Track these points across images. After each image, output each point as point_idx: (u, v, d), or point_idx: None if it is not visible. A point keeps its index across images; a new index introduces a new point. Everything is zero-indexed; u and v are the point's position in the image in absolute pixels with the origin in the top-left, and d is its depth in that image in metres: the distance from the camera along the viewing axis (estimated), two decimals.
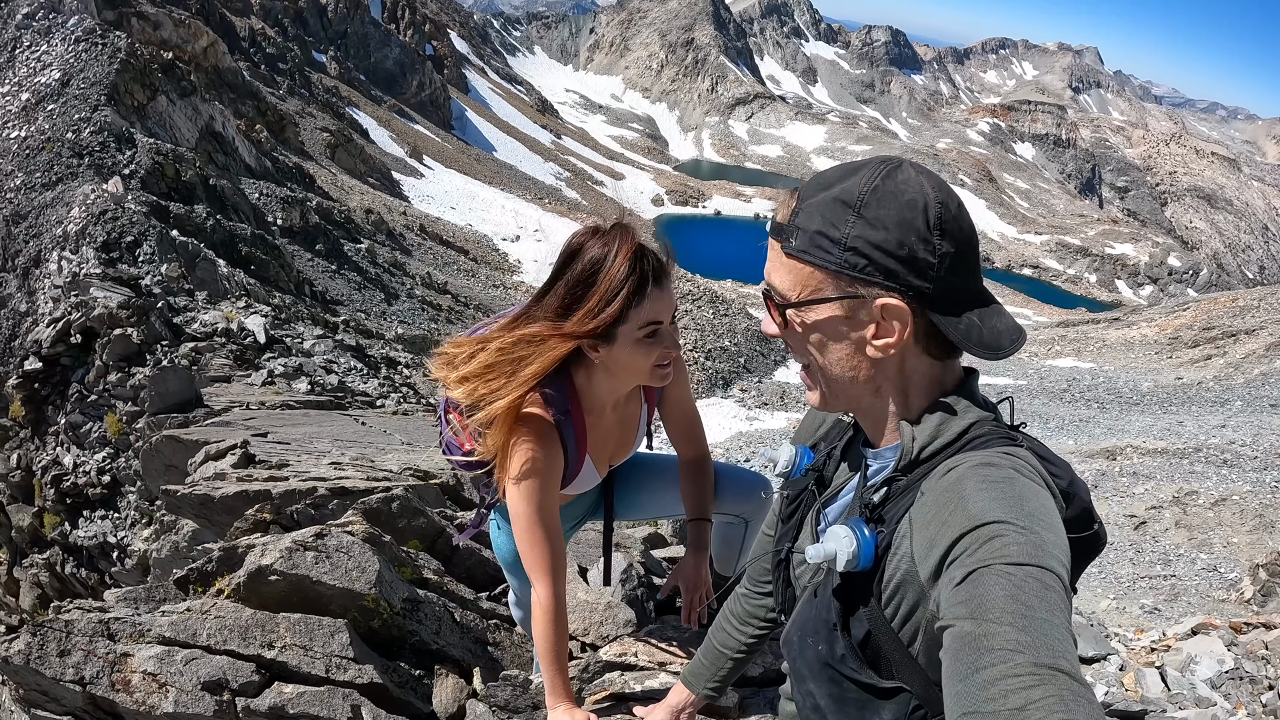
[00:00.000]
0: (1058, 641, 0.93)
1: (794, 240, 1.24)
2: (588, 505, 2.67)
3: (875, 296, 1.20)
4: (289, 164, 43.27)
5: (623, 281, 1.87)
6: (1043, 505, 1.10)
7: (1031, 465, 1.18)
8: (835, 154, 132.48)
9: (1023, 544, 1.01)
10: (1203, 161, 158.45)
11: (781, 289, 1.28)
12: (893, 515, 1.23)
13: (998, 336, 1.21)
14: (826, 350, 1.28)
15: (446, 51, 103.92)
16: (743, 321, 45.92)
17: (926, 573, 1.10)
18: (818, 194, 1.23)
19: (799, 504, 1.54)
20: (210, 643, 2.49)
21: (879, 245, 1.18)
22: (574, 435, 2.11)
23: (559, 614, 2.08)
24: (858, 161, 1.26)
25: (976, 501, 1.08)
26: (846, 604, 1.27)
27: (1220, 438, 24.19)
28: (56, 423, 10.19)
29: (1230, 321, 43.45)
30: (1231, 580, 13.66)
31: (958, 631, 0.98)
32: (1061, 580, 1.00)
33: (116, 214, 18.82)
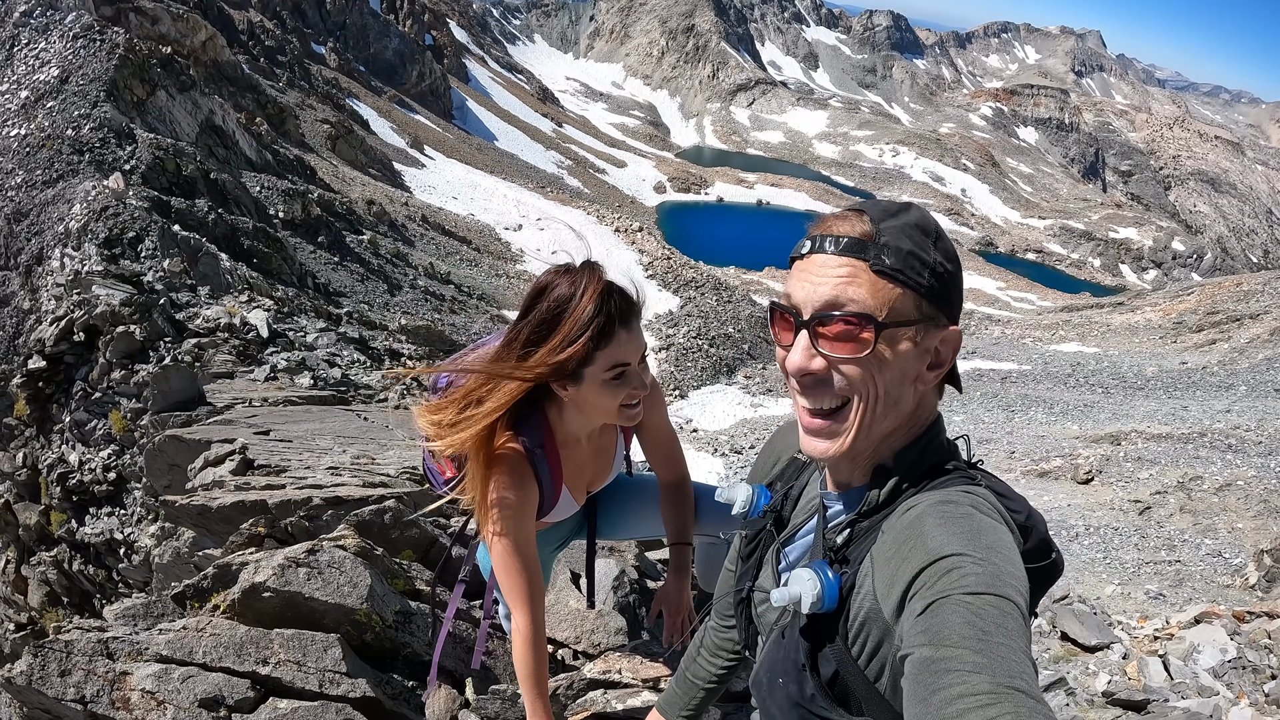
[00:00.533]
0: (1015, 664, 0.95)
1: (887, 258, 1.20)
2: (572, 526, 2.70)
3: (943, 324, 1.24)
4: (290, 156, 43.17)
5: (588, 322, 1.88)
6: (1000, 539, 1.12)
7: (989, 502, 1.20)
8: (838, 139, 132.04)
9: (980, 574, 1.04)
10: (1206, 145, 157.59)
11: (869, 307, 1.20)
12: (856, 556, 1.25)
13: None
14: (887, 375, 1.23)
15: (446, 41, 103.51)
16: (746, 308, 45.86)
17: (890, 609, 1.13)
18: (891, 219, 1.24)
19: (758, 543, 1.57)
20: (206, 660, 2.53)
21: (950, 275, 1.23)
22: (548, 468, 2.14)
23: (538, 641, 2.11)
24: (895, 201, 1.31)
25: (935, 536, 1.11)
26: (813, 644, 1.28)
27: (1225, 422, 24.13)
28: (61, 421, 10.23)
29: (1234, 306, 43.27)
30: (1236, 566, 13.66)
31: (917, 658, 1.01)
32: (1019, 608, 1.02)
33: (118, 210, 18.82)
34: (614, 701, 2.54)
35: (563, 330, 1.89)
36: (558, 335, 1.90)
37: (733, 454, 27.55)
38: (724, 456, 27.33)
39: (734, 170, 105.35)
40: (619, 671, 2.67)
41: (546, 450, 2.13)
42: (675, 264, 50.52)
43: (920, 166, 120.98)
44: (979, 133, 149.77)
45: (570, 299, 1.90)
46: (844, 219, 1.27)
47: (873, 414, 1.25)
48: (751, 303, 47.44)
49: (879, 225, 1.23)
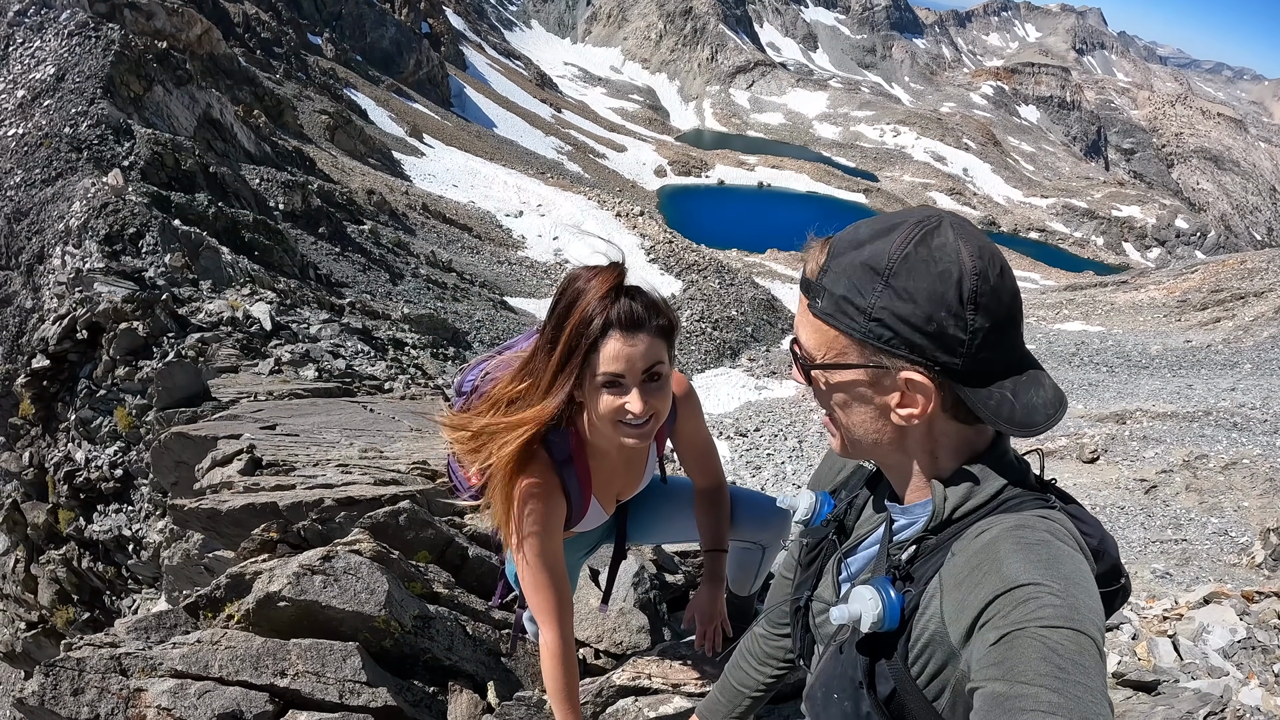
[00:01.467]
0: (1091, 705, 0.92)
1: (820, 301, 1.21)
2: (601, 532, 2.63)
3: (899, 369, 1.16)
4: (288, 148, 43.06)
5: (585, 323, 1.79)
6: (1078, 569, 1.08)
7: (1065, 528, 1.16)
8: (838, 120, 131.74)
9: (1058, 607, 1.00)
10: (1209, 123, 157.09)
11: (807, 346, 1.26)
12: (921, 575, 1.22)
13: (1031, 412, 1.16)
14: (850, 411, 1.26)
15: (443, 29, 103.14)
16: (749, 290, 45.85)
17: (958, 634, 1.09)
18: (847, 253, 1.19)
19: (819, 552, 1.53)
20: (223, 674, 2.48)
21: (905, 319, 1.13)
22: (576, 481, 2.08)
23: (568, 657, 2.06)
24: (895, 216, 1.21)
25: (1011, 564, 1.07)
26: (871, 661, 1.25)
27: (1230, 401, 24.16)
28: (67, 419, 10.22)
29: (1239, 284, 43.24)
30: (1242, 544, 13.67)
31: (989, 692, 0.97)
32: (1097, 644, 0.99)
33: (118, 206, 18.75)
34: (646, 710, 2.50)
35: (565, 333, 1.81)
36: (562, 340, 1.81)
37: (738, 437, 27.56)
38: (729, 440, 27.34)
39: (734, 153, 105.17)
40: (649, 676, 2.63)
41: (575, 462, 2.06)
42: (677, 247, 50.43)
43: (921, 146, 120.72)
44: (980, 112, 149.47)
45: (578, 298, 1.81)
46: (814, 251, 1.25)
47: (847, 435, 1.30)
48: (754, 285, 47.39)
49: (830, 262, 1.21)
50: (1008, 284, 1.16)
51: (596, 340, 1.80)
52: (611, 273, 1.84)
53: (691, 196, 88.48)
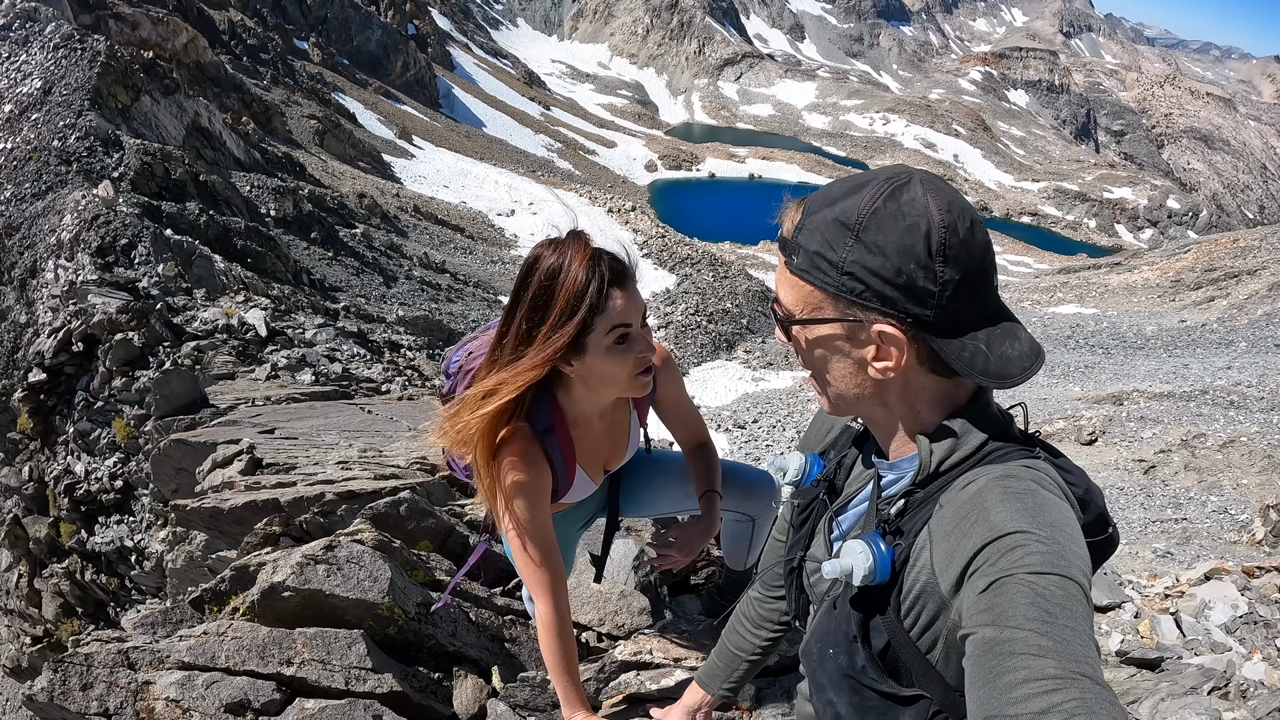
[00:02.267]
0: (1080, 647, 0.94)
1: (795, 258, 1.24)
2: (594, 505, 2.65)
3: (872, 322, 1.19)
4: (278, 154, 42.96)
5: (583, 289, 1.81)
6: (1064, 516, 1.11)
7: (1051, 477, 1.18)
8: (827, 110, 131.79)
9: (1045, 554, 1.02)
10: (1198, 102, 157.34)
11: (785, 303, 1.28)
12: (911, 528, 1.24)
13: (1006, 364, 1.18)
14: (830, 366, 1.29)
15: (429, 29, 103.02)
16: (743, 283, 45.86)
17: (948, 583, 1.12)
18: (820, 210, 1.22)
19: (810, 512, 1.55)
20: (229, 664, 2.51)
21: (875, 271, 1.16)
22: (559, 450, 2.09)
23: (563, 629, 2.08)
24: (866, 175, 1.23)
25: (998, 513, 1.09)
26: (865, 616, 1.27)
27: (1226, 379, 24.21)
28: (65, 432, 10.21)
29: (1232, 262, 43.34)
30: (1242, 522, 13.69)
31: (980, 638, 1.00)
32: (1083, 589, 1.01)
33: (109, 218, 18.73)
34: (647, 682, 2.53)
35: (558, 303, 1.82)
36: (554, 309, 1.83)
37: (736, 429, 27.59)
38: (728, 432, 27.37)
39: (724, 145, 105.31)
40: (650, 652, 2.66)
41: (557, 431, 2.07)
42: (670, 242, 50.44)
43: (911, 134, 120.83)
44: (969, 98, 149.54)
45: (560, 269, 1.83)
46: (789, 211, 1.28)
47: (830, 391, 1.33)
48: (748, 277, 47.41)
49: (805, 220, 1.23)
50: (978, 237, 1.18)
51: (598, 303, 1.83)
52: (583, 240, 1.88)
53: (683, 190, 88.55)
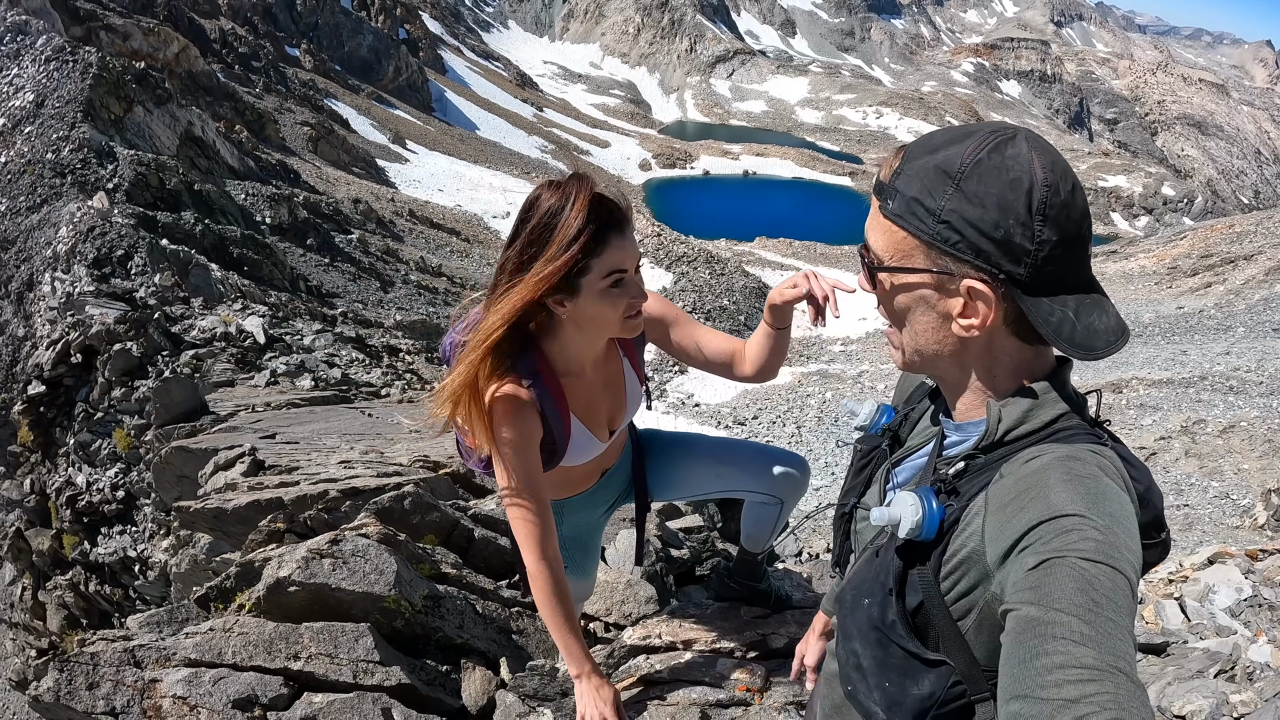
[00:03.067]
0: (1120, 643, 0.94)
1: (891, 203, 1.22)
2: (620, 488, 2.63)
3: (964, 275, 1.17)
4: (272, 161, 42.99)
5: (581, 229, 1.83)
6: (1123, 508, 1.09)
7: (1116, 467, 1.17)
8: (820, 105, 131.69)
9: (1099, 542, 1.01)
10: (1191, 89, 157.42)
11: (876, 249, 1.26)
12: (967, 491, 1.22)
13: (1092, 336, 1.15)
14: (913, 318, 1.27)
15: (420, 34, 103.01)
16: (740, 279, 45.87)
17: (995, 554, 1.10)
18: (921, 157, 1.20)
19: (871, 459, 1.55)
20: (236, 660, 2.50)
21: (974, 223, 1.14)
22: (550, 397, 2.07)
23: (555, 581, 2.06)
24: (970, 126, 1.21)
25: (1059, 493, 1.08)
26: (904, 570, 1.26)
27: (1225, 365, 24.18)
28: (66, 443, 10.21)
29: (1228, 248, 43.34)
30: (1244, 507, 13.69)
31: (1022, 615, 0.99)
32: (1131, 585, 1.00)
33: (105, 229, 18.70)
34: (657, 664, 2.53)
35: (556, 241, 1.83)
36: (551, 246, 1.84)
37: (736, 425, 27.59)
38: (728, 429, 27.38)
39: (718, 143, 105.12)
40: (659, 636, 2.66)
41: (544, 379, 2.05)
42: (666, 240, 50.40)
43: (905, 126, 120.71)
44: (962, 89, 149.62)
45: (561, 210, 1.84)
46: (892, 156, 1.26)
47: (907, 343, 1.30)
48: (745, 274, 47.41)
49: (904, 166, 1.21)
50: (1079, 202, 1.16)
51: (593, 247, 1.85)
52: (585, 183, 1.89)
53: (677, 188, 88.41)
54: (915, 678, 1.25)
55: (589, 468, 2.42)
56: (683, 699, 2.39)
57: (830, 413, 27.74)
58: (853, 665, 1.35)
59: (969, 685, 1.22)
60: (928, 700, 1.24)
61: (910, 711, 1.25)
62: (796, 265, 54.31)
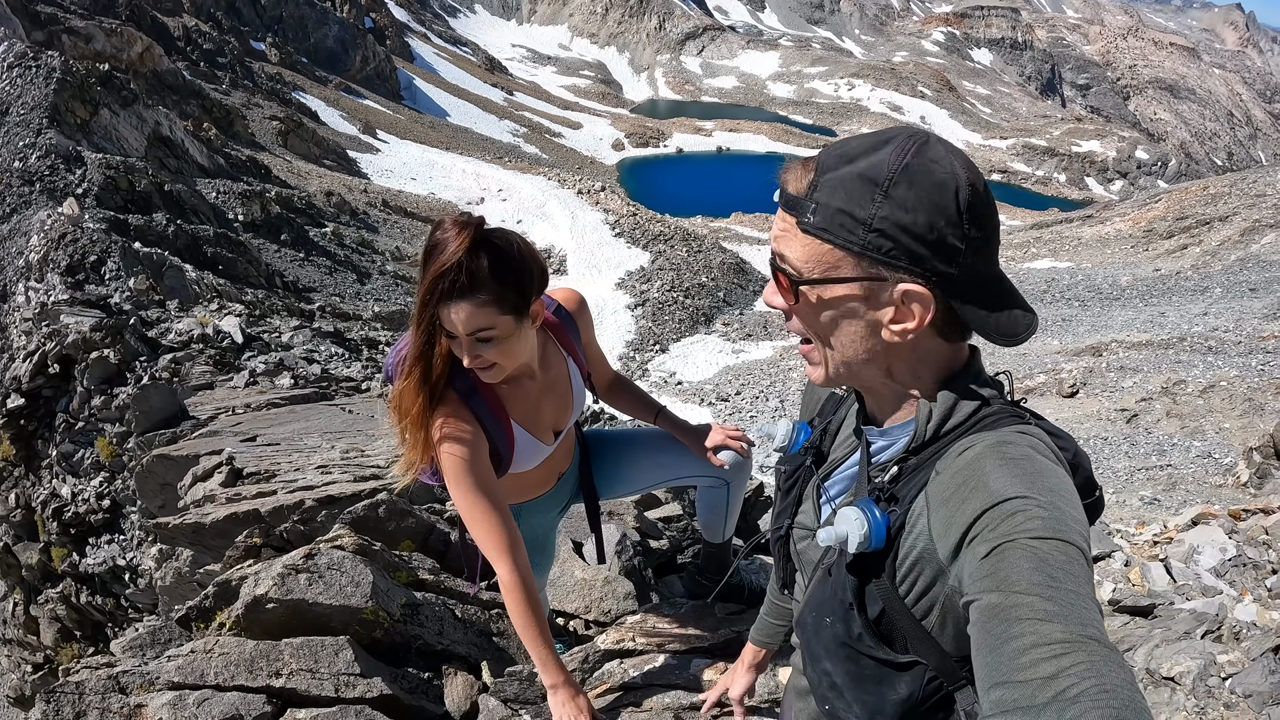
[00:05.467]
0: (1085, 611, 0.95)
1: (812, 216, 1.19)
2: (570, 489, 2.66)
3: (898, 281, 1.17)
4: (242, 158, 42.57)
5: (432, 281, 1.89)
6: (1061, 482, 1.11)
7: (1045, 443, 1.19)
8: (791, 79, 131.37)
9: (1045, 519, 1.03)
10: (1162, 53, 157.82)
11: (795, 263, 1.23)
12: (905, 495, 1.23)
13: (1014, 323, 1.19)
14: (838, 330, 1.25)
15: (386, 22, 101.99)
16: (717, 256, 45.87)
17: (946, 550, 1.12)
18: (840, 167, 1.18)
19: (797, 479, 1.55)
20: (219, 680, 2.52)
21: (907, 229, 1.14)
22: (488, 408, 2.11)
23: (525, 589, 2.06)
24: (880, 134, 1.22)
25: (997, 479, 1.09)
26: (859, 583, 1.27)
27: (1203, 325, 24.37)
28: (48, 455, 10.14)
29: (1203, 210, 43.60)
30: (1227, 465, 13.83)
31: (984, 604, 1.00)
32: (1084, 553, 1.02)
33: (76, 235, 18.50)
34: (630, 670, 2.55)
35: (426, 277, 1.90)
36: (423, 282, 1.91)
37: (719, 402, 27.64)
38: (711, 405, 27.43)
39: (691, 120, 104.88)
40: (632, 639, 2.69)
41: (480, 391, 2.10)
42: (642, 219, 50.30)
43: (877, 97, 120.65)
44: (933, 59, 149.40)
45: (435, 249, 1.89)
46: (795, 170, 1.24)
47: (832, 357, 1.28)
48: (722, 250, 47.42)
49: (821, 178, 1.19)
50: (990, 198, 1.19)
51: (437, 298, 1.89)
52: (463, 235, 1.89)
53: (651, 167, 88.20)
54: (891, 683, 1.27)
55: (543, 472, 2.45)
56: (656, 704, 2.42)
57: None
58: (827, 685, 1.36)
59: (944, 678, 1.24)
60: (907, 702, 1.26)
61: (892, 716, 1.28)
62: None
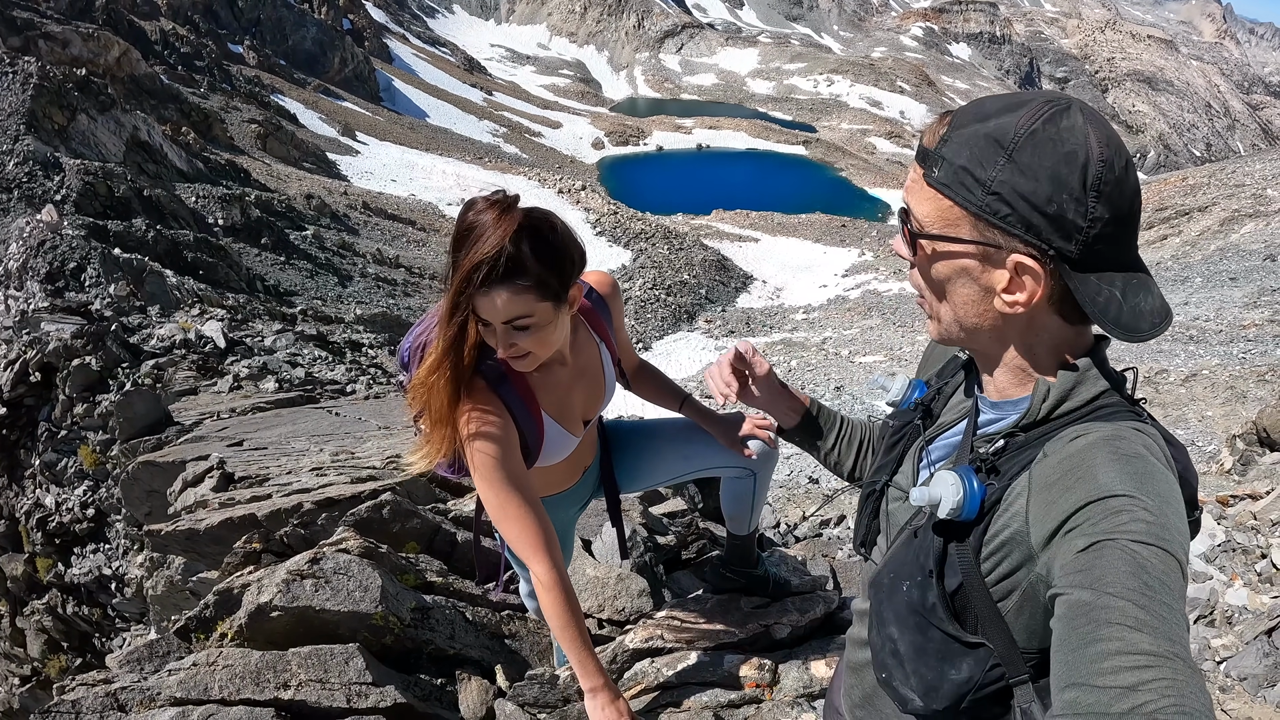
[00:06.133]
0: (1175, 627, 0.91)
1: (937, 170, 1.16)
2: (593, 485, 2.59)
3: (1011, 249, 1.12)
4: (221, 162, 42.35)
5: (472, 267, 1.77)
6: (1170, 488, 1.06)
7: (1159, 446, 1.14)
8: (771, 75, 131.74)
9: (1150, 523, 0.98)
10: (1139, 45, 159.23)
11: (918, 215, 1.21)
12: (1007, 470, 1.19)
13: (1138, 317, 1.12)
14: (953, 290, 1.22)
15: (364, 23, 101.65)
16: (699, 253, 46.03)
17: (1040, 536, 1.08)
18: (971, 124, 1.15)
19: (903, 436, 1.51)
20: (224, 695, 2.41)
21: (1025, 196, 1.09)
22: (518, 397, 2.02)
23: (565, 588, 1.97)
24: (1023, 94, 1.16)
25: (1106, 473, 1.05)
26: (943, 552, 1.23)
27: (1184, 315, 24.51)
28: (31, 465, 10.00)
29: (1182, 200, 43.97)
30: (1210, 453, 13.87)
31: (1073, 600, 0.97)
32: (1182, 568, 0.97)
33: (55, 243, 18.38)
34: (664, 669, 2.48)
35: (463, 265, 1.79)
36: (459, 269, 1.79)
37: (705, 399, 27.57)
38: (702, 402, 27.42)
39: (670, 118, 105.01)
40: (661, 638, 2.62)
41: (512, 380, 2.01)
42: (623, 218, 50.38)
43: (857, 93, 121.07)
44: (911, 54, 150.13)
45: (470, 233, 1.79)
46: (935, 123, 1.21)
47: (940, 315, 1.26)
48: (703, 247, 47.54)
49: (952, 133, 1.16)
50: (1131, 179, 1.12)
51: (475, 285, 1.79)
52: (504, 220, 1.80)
53: (632, 166, 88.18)
54: (954, 662, 1.23)
55: (569, 466, 2.37)
56: (694, 703, 2.36)
57: (795, 381, 27.87)
58: (889, 651, 1.32)
59: (1007, 668, 1.20)
60: (966, 685, 1.22)
61: (948, 696, 1.24)
62: (755, 236, 54.44)
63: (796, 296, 42.54)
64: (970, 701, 1.22)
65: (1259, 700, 3.98)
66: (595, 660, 2.02)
